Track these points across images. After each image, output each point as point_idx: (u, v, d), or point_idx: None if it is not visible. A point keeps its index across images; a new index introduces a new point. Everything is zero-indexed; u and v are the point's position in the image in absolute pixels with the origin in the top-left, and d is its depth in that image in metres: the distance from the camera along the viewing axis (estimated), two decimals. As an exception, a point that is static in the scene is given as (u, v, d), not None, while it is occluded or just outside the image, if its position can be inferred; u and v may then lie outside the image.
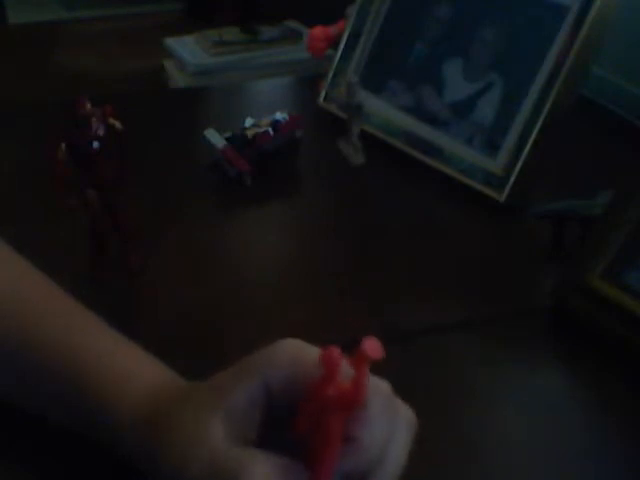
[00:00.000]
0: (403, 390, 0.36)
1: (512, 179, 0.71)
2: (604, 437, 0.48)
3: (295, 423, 0.34)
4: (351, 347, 0.31)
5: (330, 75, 0.89)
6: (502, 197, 0.71)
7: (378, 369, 0.32)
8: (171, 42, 1.50)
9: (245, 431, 0.35)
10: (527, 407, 0.50)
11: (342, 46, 0.89)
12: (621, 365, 0.52)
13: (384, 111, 0.83)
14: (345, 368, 0.31)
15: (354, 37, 0.88)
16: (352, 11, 0.89)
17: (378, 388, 0.35)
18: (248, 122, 0.75)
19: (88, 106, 0.53)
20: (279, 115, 0.76)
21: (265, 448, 0.34)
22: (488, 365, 0.54)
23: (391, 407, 0.35)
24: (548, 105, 0.70)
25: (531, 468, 0.45)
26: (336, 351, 0.32)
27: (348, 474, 0.34)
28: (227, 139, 0.74)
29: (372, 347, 0.31)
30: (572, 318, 0.56)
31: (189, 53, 1.47)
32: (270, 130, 0.74)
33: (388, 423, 0.35)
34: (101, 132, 0.53)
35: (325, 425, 0.32)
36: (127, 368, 0.42)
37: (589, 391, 0.53)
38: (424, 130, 0.79)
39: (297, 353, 0.36)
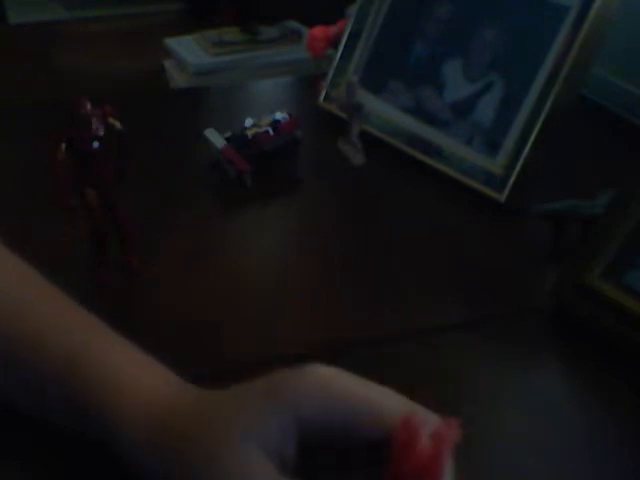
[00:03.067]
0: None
1: (512, 179, 0.71)
2: (604, 437, 0.48)
3: None
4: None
5: (330, 75, 0.89)
6: (502, 197, 0.71)
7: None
8: (171, 42, 1.50)
9: (282, 462, 0.34)
10: (527, 407, 0.50)
11: (342, 46, 0.89)
12: (621, 365, 0.52)
13: (384, 111, 0.83)
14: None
15: (354, 37, 0.88)
16: (352, 11, 0.89)
17: None
18: (248, 122, 0.75)
19: (88, 106, 0.53)
20: (279, 115, 0.76)
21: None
22: (488, 365, 0.54)
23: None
24: (548, 105, 0.70)
25: (531, 468, 0.45)
26: (415, 418, 0.31)
27: None
28: (227, 139, 0.74)
29: (451, 433, 0.31)
30: (572, 318, 0.56)
31: (189, 53, 1.47)
32: (270, 130, 0.74)
33: None
34: (101, 132, 0.53)
35: None
36: (131, 371, 0.41)
37: (589, 391, 0.53)
38: (424, 130, 0.79)
39: (329, 383, 0.34)
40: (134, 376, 0.41)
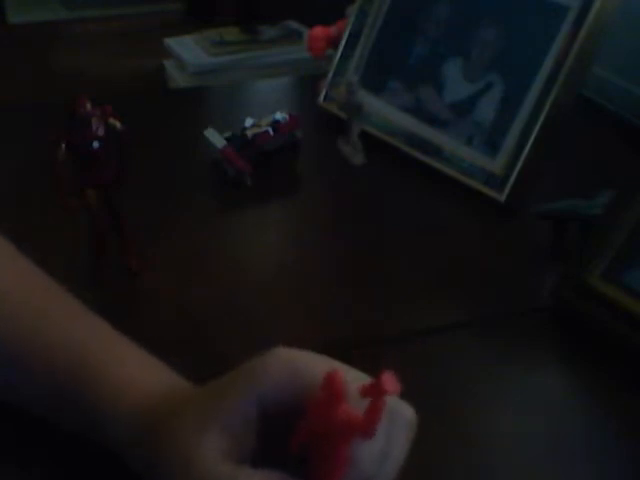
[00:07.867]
0: (402, 390, 0.36)
1: (512, 179, 0.71)
2: (604, 437, 0.48)
3: (292, 441, 0.34)
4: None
5: (330, 75, 0.89)
6: (502, 197, 0.71)
7: (377, 370, 0.32)
8: (171, 42, 1.50)
9: (241, 445, 0.34)
10: (527, 407, 0.50)
11: (342, 46, 0.89)
12: (621, 365, 0.52)
13: (384, 111, 0.83)
14: (351, 392, 0.31)
15: (354, 37, 0.88)
16: (352, 11, 0.89)
17: None
18: (248, 122, 0.75)
19: (88, 106, 0.53)
20: (279, 115, 0.76)
21: (265, 459, 0.34)
22: (488, 365, 0.54)
23: (390, 408, 0.35)
24: (548, 105, 0.70)
25: (531, 468, 0.45)
26: (339, 375, 0.31)
27: None
28: (227, 139, 0.74)
29: (389, 381, 0.30)
30: (572, 318, 0.56)
31: (189, 53, 1.47)
32: (270, 130, 0.74)
33: (387, 429, 0.34)
34: (101, 132, 0.53)
35: (331, 448, 0.31)
36: (129, 370, 0.42)
37: (589, 391, 0.53)
38: (424, 130, 0.79)
39: (291, 363, 0.35)
40: (136, 376, 0.41)
